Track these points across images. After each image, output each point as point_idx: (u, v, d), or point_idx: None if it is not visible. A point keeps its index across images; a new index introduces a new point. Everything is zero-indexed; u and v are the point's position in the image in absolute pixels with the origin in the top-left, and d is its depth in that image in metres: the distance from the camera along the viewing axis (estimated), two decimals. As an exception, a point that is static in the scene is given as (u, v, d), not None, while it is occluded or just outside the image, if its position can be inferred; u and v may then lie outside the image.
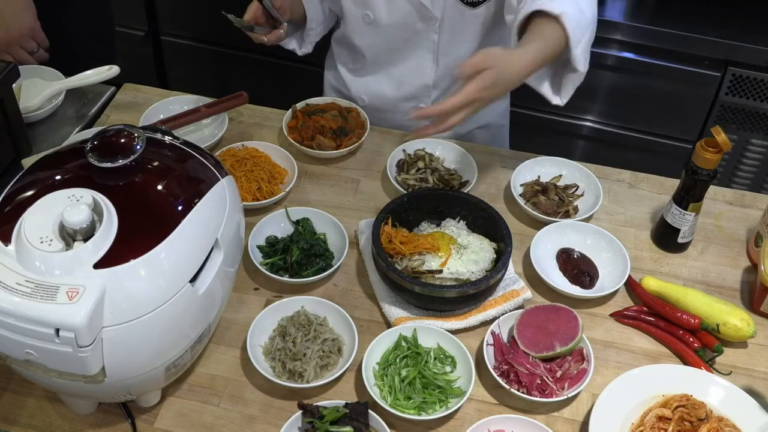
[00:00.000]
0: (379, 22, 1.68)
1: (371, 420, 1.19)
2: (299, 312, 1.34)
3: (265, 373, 1.25)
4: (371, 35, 1.72)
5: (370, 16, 1.68)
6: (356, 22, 1.71)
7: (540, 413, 1.27)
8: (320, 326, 1.32)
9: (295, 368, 1.26)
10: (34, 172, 1.13)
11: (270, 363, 1.29)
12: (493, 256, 1.42)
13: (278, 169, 1.59)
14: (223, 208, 1.17)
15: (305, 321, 1.32)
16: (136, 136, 1.12)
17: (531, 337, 1.31)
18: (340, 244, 1.46)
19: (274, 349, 1.29)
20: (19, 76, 1.52)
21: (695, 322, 1.37)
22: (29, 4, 1.75)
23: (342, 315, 1.33)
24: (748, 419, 1.24)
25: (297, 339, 1.29)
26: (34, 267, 1.00)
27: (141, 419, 1.23)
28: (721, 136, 1.37)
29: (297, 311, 1.34)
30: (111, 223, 1.04)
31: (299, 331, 1.30)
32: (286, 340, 1.29)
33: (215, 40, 2.84)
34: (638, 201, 1.63)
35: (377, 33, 1.71)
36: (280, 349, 1.28)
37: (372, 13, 1.67)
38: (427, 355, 1.30)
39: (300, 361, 1.27)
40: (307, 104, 1.74)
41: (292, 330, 1.30)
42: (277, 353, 1.28)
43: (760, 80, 2.33)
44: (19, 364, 1.04)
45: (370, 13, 1.67)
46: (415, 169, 1.61)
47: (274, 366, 1.28)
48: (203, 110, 1.67)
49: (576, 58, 1.41)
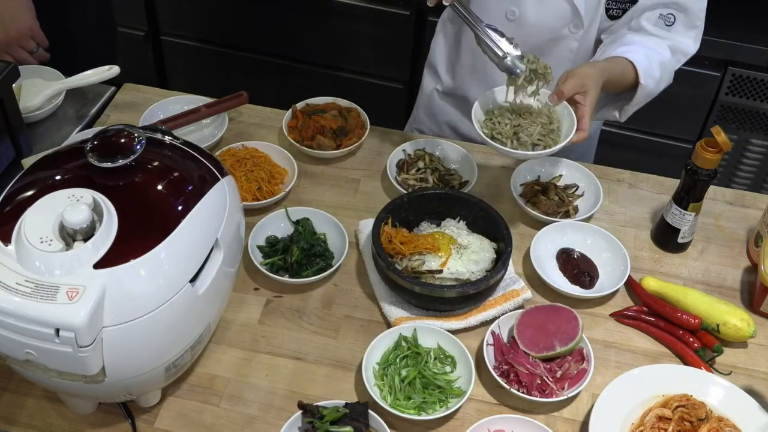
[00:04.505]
0: (524, 21, 1.61)
1: (371, 420, 1.19)
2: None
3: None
4: (510, 33, 1.60)
5: (516, 13, 1.61)
6: (495, 18, 1.61)
7: (540, 413, 1.27)
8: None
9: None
10: (34, 172, 1.13)
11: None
12: (493, 256, 1.42)
13: (278, 169, 1.59)
14: (223, 208, 1.17)
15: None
16: (136, 136, 1.12)
17: (531, 337, 1.31)
18: (340, 244, 1.46)
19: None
20: (19, 76, 1.52)
21: (695, 322, 1.37)
22: (28, 4, 1.75)
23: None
24: (748, 419, 1.24)
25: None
26: (34, 267, 1.00)
27: (141, 419, 1.23)
28: (721, 136, 1.37)
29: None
30: (111, 223, 1.04)
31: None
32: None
33: (215, 40, 2.85)
34: (638, 201, 1.63)
35: (518, 32, 1.60)
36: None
37: (518, 9, 1.61)
38: (427, 355, 1.30)
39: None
40: (307, 104, 1.74)
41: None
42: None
43: (760, 80, 2.33)
44: (19, 364, 1.04)
45: (516, 9, 1.61)
46: (415, 169, 1.61)
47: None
48: (203, 110, 1.67)
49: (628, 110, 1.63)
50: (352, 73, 2.76)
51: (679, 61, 1.64)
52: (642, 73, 1.52)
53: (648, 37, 1.60)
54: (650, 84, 1.54)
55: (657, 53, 1.57)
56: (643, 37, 1.60)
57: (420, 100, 1.91)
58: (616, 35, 1.63)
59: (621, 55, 1.53)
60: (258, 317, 1.38)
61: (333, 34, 2.66)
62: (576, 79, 1.43)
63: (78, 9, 2.00)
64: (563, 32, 1.64)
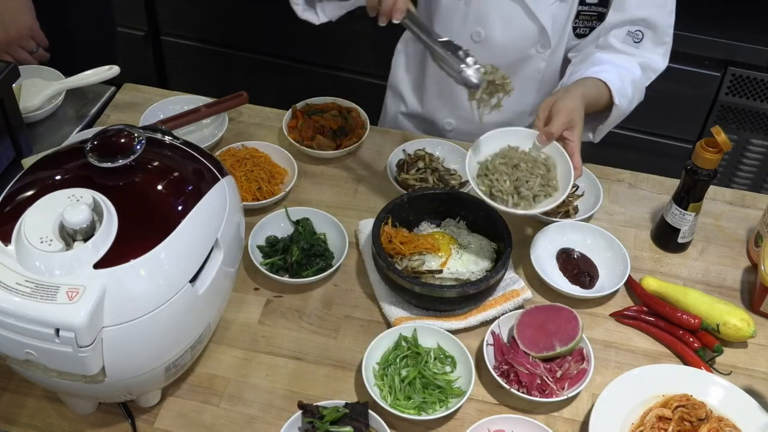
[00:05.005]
0: (490, 42, 1.61)
1: (371, 420, 1.19)
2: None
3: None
4: (477, 54, 1.59)
5: (482, 34, 1.60)
6: (460, 39, 1.58)
7: (540, 413, 1.27)
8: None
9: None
10: (34, 172, 1.13)
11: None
12: (493, 256, 1.42)
13: (278, 169, 1.59)
14: (223, 208, 1.17)
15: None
16: (136, 136, 1.12)
17: (531, 337, 1.31)
18: (340, 244, 1.46)
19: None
20: (19, 76, 1.52)
21: (695, 322, 1.37)
22: (28, 4, 1.75)
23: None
24: (748, 419, 1.24)
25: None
26: (34, 267, 1.00)
27: (141, 419, 1.23)
28: (721, 136, 1.37)
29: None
30: (111, 223, 1.04)
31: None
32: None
33: (215, 40, 2.84)
34: (638, 201, 1.63)
35: (484, 53, 1.58)
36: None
37: (484, 30, 1.60)
38: (427, 355, 1.30)
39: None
40: (307, 104, 1.74)
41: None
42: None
43: (760, 80, 2.33)
44: (19, 364, 1.04)
45: (482, 30, 1.60)
46: (415, 169, 1.61)
47: None
48: (203, 110, 1.67)
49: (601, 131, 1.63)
50: (352, 73, 2.76)
51: (649, 78, 1.64)
52: (615, 93, 1.51)
53: (618, 55, 1.60)
54: (624, 103, 1.54)
55: (628, 72, 1.57)
56: (612, 55, 1.60)
57: (383, 121, 1.90)
58: (585, 53, 1.64)
59: (593, 76, 1.52)
60: (258, 317, 1.38)
61: (333, 34, 2.65)
62: (562, 116, 1.40)
63: (78, 9, 2.00)
64: (530, 52, 1.64)
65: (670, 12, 1.61)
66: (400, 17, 1.32)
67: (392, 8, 1.30)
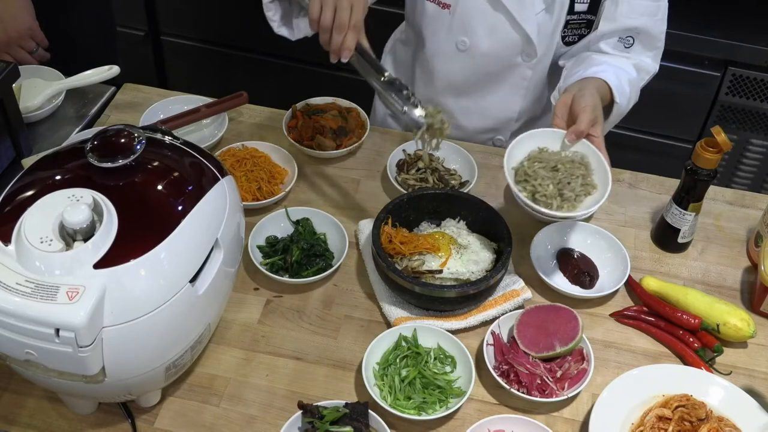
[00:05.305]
0: (476, 51, 1.62)
1: (371, 420, 1.19)
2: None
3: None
4: (461, 63, 1.65)
5: (467, 43, 1.61)
6: (446, 47, 1.64)
7: (540, 413, 1.27)
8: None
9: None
10: (34, 172, 1.13)
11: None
12: (493, 256, 1.42)
13: (278, 169, 1.59)
14: (223, 208, 1.17)
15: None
16: (136, 136, 1.12)
17: (531, 337, 1.31)
18: (340, 244, 1.46)
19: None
20: (19, 76, 1.52)
21: (695, 322, 1.37)
22: (27, 4, 1.75)
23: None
24: (748, 419, 1.24)
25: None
26: (34, 267, 1.00)
27: (141, 419, 1.23)
28: (721, 136, 1.37)
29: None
30: (111, 223, 1.04)
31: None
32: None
33: (215, 40, 2.84)
34: (638, 201, 1.63)
35: (469, 62, 1.64)
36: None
37: (469, 39, 1.61)
38: (427, 355, 1.30)
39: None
40: (307, 104, 1.74)
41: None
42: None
43: (760, 80, 2.33)
44: (19, 364, 1.04)
45: (467, 39, 1.61)
46: (415, 169, 1.60)
47: None
48: (203, 110, 1.67)
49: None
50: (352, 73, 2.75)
51: (643, 79, 1.65)
52: (616, 91, 1.52)
53: (612, 57, 1.61)
54: (623, 102, 1.54)
55: (624, 72, 1.58)
56: (607, 57, 1.61)
57: (372, 122, 1.89)
58: (579, 57, 1.64)
59: (593, 76, 1.53)
60: (258, 317, 1.38)
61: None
62: (588, 113, 1.41)
63: (78, 9, 2.00)
64: (516, 60, 1.64)
65: (661, 19, 1.62)
66: (347, 56, 1.31)
67: (340, 47, 1.30)
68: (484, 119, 1.75)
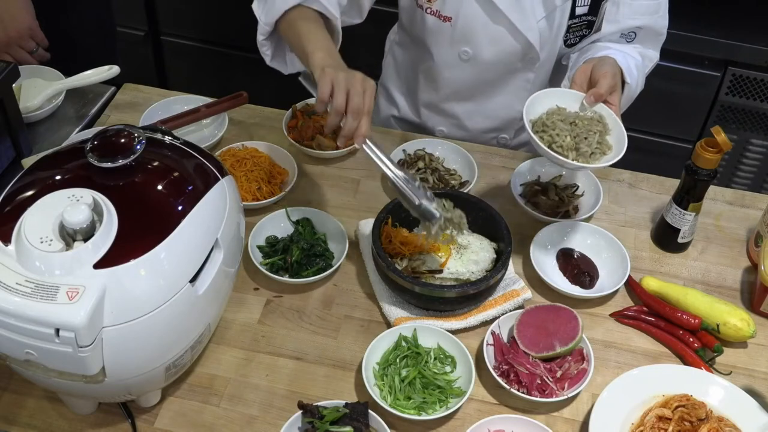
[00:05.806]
0: (479, 60, 1.63)
1: (371, 420, 1.19)
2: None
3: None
4: (464, 71, 1.66)
5: (469, 53, 1.62)
6: (449, 58, 1.65)
7: (540, 413, 1.27)
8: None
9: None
10: (34, 172, 1.13)
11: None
12: (493, 256, 1.42)
13: (278, 169, 1.59)
14: (223, 208, 1.17)
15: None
16: (136, 136, 1.12)
17: (531, 337, 1.31)
18: (340, 244, 1.46)
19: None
20: (19, 76, 1.52)
21: (695, 322, 1.37)
22: (27, 4, 1.75)
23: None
24: (748, 419, 1.24)
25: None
26: (34, 267, 1.00)
27: (141, 419, 1.23)
28: (721, 136, 1.37)
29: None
30: (111, 223, 1.04)
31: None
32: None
33: (215, 40, 2.84)
34: (638, 201, 1.63)
35: (472, 70, 1.65)
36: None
37: (472, 49, 1.62)
38: (427, 355, 1.30)
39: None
40: (307, 104, 1.74)
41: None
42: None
43: (760, 80, 2.33)
44: (19, 364, 1.04)
45: (470, 49, 1.62)
46: (415, 169, 1.61)
47: None
48: (203, 110, 1.67)
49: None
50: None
51: (647, 66, 1.66)
52: (626, 72, 1.51)
53: (617, 44, 1.62)
54: (633, 83, 1.54)
55: (632, 57, 1.59)
56: (612, 44, 1.62)
57: (374, 121, 1.90)
58: (584, 48, 1.65)
59: (604, 56, 1.53)
60: (258, 317, 1.38)
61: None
62: (609, 78, 1.42)
63: (77, 9, 2.00)
64: (519, 66, 1.65)
65: (662, 16, 1.63)
66: (361, 143, 1.27)
67: (355, 133, 1.26)
68: (488, 120, 1.76)
